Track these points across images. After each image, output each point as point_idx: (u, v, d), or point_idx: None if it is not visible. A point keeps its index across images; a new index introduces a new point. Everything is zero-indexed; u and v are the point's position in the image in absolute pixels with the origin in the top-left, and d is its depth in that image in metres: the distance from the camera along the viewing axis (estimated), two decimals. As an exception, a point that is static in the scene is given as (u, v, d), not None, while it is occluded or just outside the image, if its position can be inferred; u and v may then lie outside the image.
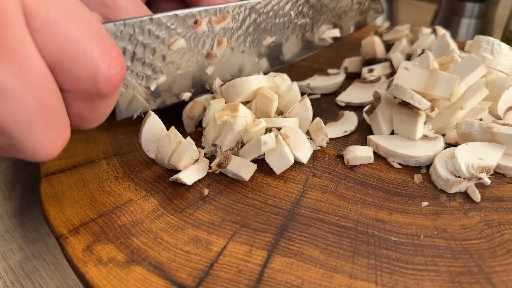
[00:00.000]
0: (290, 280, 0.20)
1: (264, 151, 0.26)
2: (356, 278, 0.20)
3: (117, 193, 0.26)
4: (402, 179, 0.28)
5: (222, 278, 0.20)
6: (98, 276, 0.20)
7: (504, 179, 0.28)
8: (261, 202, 0.25)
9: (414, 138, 0.29)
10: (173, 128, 0.26)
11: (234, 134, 0.27)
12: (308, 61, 0.47)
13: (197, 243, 0.22)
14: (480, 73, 0.29)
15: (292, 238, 0.23)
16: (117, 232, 0.23)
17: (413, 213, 0.25)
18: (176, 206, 0.25)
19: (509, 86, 0.30)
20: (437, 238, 0.23)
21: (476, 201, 0.26)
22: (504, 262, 0.21)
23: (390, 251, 0.22)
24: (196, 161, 0.27)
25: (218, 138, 0.28)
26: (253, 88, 0.29)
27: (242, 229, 0.23)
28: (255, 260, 0.21)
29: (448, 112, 0.30)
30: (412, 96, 0.28)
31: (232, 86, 0.29)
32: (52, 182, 0.27)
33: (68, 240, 0.22)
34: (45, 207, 0.25)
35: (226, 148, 0.28)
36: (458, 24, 0.56)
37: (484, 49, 0.32)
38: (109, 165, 0.29)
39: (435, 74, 0.28)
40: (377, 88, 0.36)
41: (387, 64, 0.39)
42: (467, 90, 0.29)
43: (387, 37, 0.44)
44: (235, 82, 0.29)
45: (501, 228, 0.24)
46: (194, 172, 0.27)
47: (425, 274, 0.21)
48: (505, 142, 0.27)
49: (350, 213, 0.25)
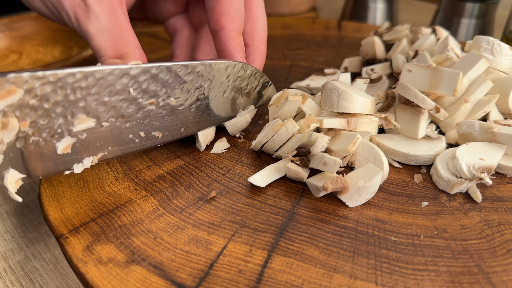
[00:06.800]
0: (290, 280, 0.20)
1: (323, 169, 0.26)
2: (356, 278, 0.20)
3: (117, 193, 0.26)
4: (402, 179, 0.28)
5: (222, 278, 0.20)
6: (98, 276, 0.20)
7: (504, 179, 0.28)
8: (261, 202, 0.25)
9: (417, 137, 0.29)
10: (291, 119, 0.27)
11: (300, 142, 0.27)
12: (308, 61, 0.47)
13: (197, 243, 0.22)
14: (482, 66, 0.30)
15: (292, 238, 0.23)
16: (117, 232, 0.23)
17: (413, 213, 0.25)
18: (176, 206, 0.25)
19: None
20: (437, 238, 0.23)
21: (478, 201, 0.25)
22: (504, 262, 0.21)
23: (390, 251, 0.22)
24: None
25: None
26: (355, 111, 0.28)
27: (242, 229, 0.23)
28: (255, 260, 0.21)
29: (453, 108, 0.30)
30: (415, 95, 0.28)
31: (340, 95, 0.27)
32: (52, 182, 0.27)
33: (68, 240, 0.22)
34: (45, 207, 0.25)
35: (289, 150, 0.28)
36: (458, 24, 0.56)
37: (484, 49, 0.32)
38: (109, 165, 0.29)
39: (438, 72, 0.29)
40: (378, 88, 0.36)
41: (387, 64, 0.39)
42: (471, 84, 0.30)
43: (387, 37, 0.44)
44: (345, 94, 0.27)
45: (501, 228, 0.24)
46: (273, 172, 0.27)
47: (425, 274, 0.21)
48: (505, 142, 0.27)
49: (350, 213, 0.25)
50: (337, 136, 0.27)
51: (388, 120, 0.29)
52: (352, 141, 0.26)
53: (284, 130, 0.28)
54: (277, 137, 0.28)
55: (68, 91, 0.22)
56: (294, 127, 0.27)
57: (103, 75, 0.23)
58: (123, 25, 0.29)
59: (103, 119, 0.24)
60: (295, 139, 0.27)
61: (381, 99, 0.33)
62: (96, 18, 0.28)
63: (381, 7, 0.64)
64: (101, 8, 0.28)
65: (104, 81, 0.23)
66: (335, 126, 0.27)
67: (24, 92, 0.20)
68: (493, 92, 0.31)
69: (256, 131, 0.33)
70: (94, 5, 0.28)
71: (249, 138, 0.32)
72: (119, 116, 0.25)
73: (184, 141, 0.31)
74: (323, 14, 0.77)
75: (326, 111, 0.29)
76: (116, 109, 0.24)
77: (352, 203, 0.25)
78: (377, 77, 0.37)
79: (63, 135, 0.23)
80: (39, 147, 0.22)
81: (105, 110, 0.24)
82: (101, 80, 0.23)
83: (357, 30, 0.56)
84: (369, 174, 0.25)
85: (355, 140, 0.26)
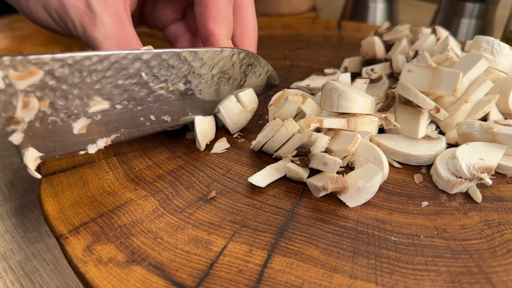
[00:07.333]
0: (290, 280, 0.20)
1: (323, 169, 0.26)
2: (356, 278, 0.20)
3: (117, 193, 0.26)
4: (402, 179, 0.28)
5: (222, 278, 0.20)
6: (98, 276, 0.20)
7: (504, 179, 0.28)
8: (261, 202, 0.25)
9: (417, 137, 0.29)
10: (291, 119, 0.27)
11: (300, 142, 0.27)
12: (308, 61, 0.47)
13: (197, 243, 0.22)
14: (482, 66, 0.30)
15: (292, 238, 0.23)
16: (117, 232, 0.23)
17: (413, 213, 0.25)
18: (176, 206, 0.25)
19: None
20: (437, 238, 0.23)
21: (478, 201, 0.25)
22: (504, 262, 0.21)
23: (390, 251, 0.22)
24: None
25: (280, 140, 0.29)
26: (355, 111, 0.28)
27: (242, 229, 0.23)
28: (255, 260, 0.21)
29: (453, 108, 0.30)
30: (415, 95, 0.28)
31: (340, 95, 0.27)
32: (52, 182, 0.27)
33: (68, 240, 0.22)
34: (45, 207, 0.25)
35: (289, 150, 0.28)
36: (458, 24, 0.56)
37: (484, 49, 0.32)
38: (109, 165, 0.29)
39: (438, 72, 0.29)
40: (378, 88, 0.36)
41: (387, 64, 0.39)
42: (471, 84, 0.30)
43: (387, 37, 0.44)
44: (346, 94, 0.27)
45: (501, 228, 0.24)
46: (273, 172, 0.27)
47: (425, 274, 0.21)
48: (505, 142, 0.27)
49: (350, 213, 0.25)
50: (337, 136, 0.27)
51: (388, 120, 0.29)
52: (352, 141, 0.26)
53: (284, 130, 0.28)
54: (277, 137, 0.28)
55: (84, 73, 0.23)
56: (294, 127, 0.28)
57: (117, 59, 0.24)
58: (129, 31, 0.29)
59: (117, 102, 0.25)
60: (295, 139, 0.27)
61: (381, 99, 0.33)
62: (103, 25, 0.28)
63: (381, 7, 0.64)
64: (107, 15, 0.28)
65: (119, 65, 0.25)
66: (335, 126, 0.27)
67: (44, 73, 0.22)
68: (493, 92, 0.31)
69: (256, 131, 0.33)
70: (101, 12, 0.28)
71: (249, 138, 0.32)
72: (131, 99, 0.26)
73: (184, 141, 0.32)
74: (323, 14, 0.77)
75: (326, 111, 0.29)
76: (128, 93, 0.26)
77: (352, 203, 0.25)
78: (377, 77, 0.37)
79: (79, 116, 0.24)
80: (56, 126, 0.24)
81: (119, 93, 0.25)
82: (116, 64, 0.24)
83: (357, 30, 0.56)
84: (369, 174, 0.25)
85: (355, 140, 0.26)
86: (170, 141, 0.32)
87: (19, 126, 0.22)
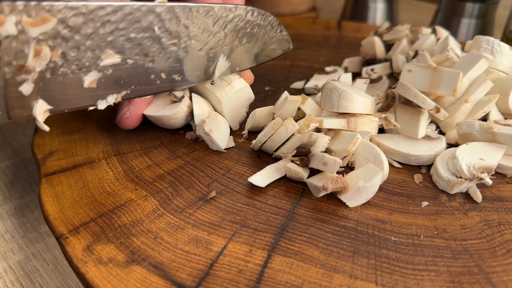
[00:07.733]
0: (290, 280, 0.20)
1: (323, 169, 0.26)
2: (356, 278, 0.20)
3: (117, 193, 0.26)
4: (402, 179, 0.28)
5: (222, 278, 0.20)
6: (98, 276, 0.20)
7: (504, 179, 0.28)
8: (261, 202, 0.25)
9: (417, 137, 0.29)
10: (290, 119, 0.27)
11: (300, 142, 0.27)
12: (308, 61, 0.47)
13: (197, 243, 0.22)
14: (482, 66, 0.30)
15: (292, 238, 0.23)
16: (117, 232, 0.23)
17: (413, 213, 0.25)
18: (176, 206, 0.25)
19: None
20: (437, 238, 0.23)
21: (478, 201, 0.25)
22: (504, 262, 0.21)
23: (390, 251, 0.22)
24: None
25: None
26: (355, 111, 0.28)
27: (242, 229, 0.23)
28: (255, 260, 0.21)
29: (453, 108, 0.30)
30: (415, 95, 0.28)
31: (340, 95, 0.27)
32: (52, 182, 0.27)
33: (68, 240, 0.22)
34: (45, 207, 0.25)
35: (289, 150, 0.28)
36: (458, 24, 0.56)
37: (484, 49, 0.32)
38: (109, 165, 0.29)
39: (438, 72, 0.29)
40: (378, 88, 0.36)
41: (387, 64, 0.39)
42: (471, 84, 0.30)
43: (387, 37, 0.44)
44: (346, 94, 0.27)
45: (501, 228, 0.24)
46: (273, 172, 0.27)
47: (425, 274, 0.21)
48: (505, 142, 0.27)
49: (350, 213, 0.25)
50: (337, 136, 0.27)
51: (388, 120, 0.29)
52: (352, 141, 0.26)
53: (283, 129, 0.28)
54: (276, 136, 0.28)
55: (98, 24, 0.23)
56: (294, 127, 0.28)
57: (131, 11, 0.24)
58: None
59: (128, 56, 0.25)
60: (295, 139, 0.27)
61: (381, 99, 0.33)
62: None
63: (381, 7, 0.64)
64: None
65: (132, 16, 0.24)
66: (335, 126, 0.27)
67: (57, 21, 0.21)
68: (493, 92, 0.31)
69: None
70: None
71: (249, 138, 0.32)
72: (143, 54, 0.26)
73: (184, 141, 0.32)
74: (323, 14, 0.77)
75: (326, 111, 0.29)
76: (141, 47, 0.26)
77: (352, 203, 0.25)
78: (377, 77, 0.37)
79: (90, 69, 0.24)
80: (67, 79, 0.23)
81: (131, 47, 0.25)
82: (129, 16, 0.24)
83: (357, 30, 0.56)
84: (369, 174, 0.25)
85: (355, 140, 0.26)
86: (170, 141, 0.32)
87: (30, 75, 0.22)
